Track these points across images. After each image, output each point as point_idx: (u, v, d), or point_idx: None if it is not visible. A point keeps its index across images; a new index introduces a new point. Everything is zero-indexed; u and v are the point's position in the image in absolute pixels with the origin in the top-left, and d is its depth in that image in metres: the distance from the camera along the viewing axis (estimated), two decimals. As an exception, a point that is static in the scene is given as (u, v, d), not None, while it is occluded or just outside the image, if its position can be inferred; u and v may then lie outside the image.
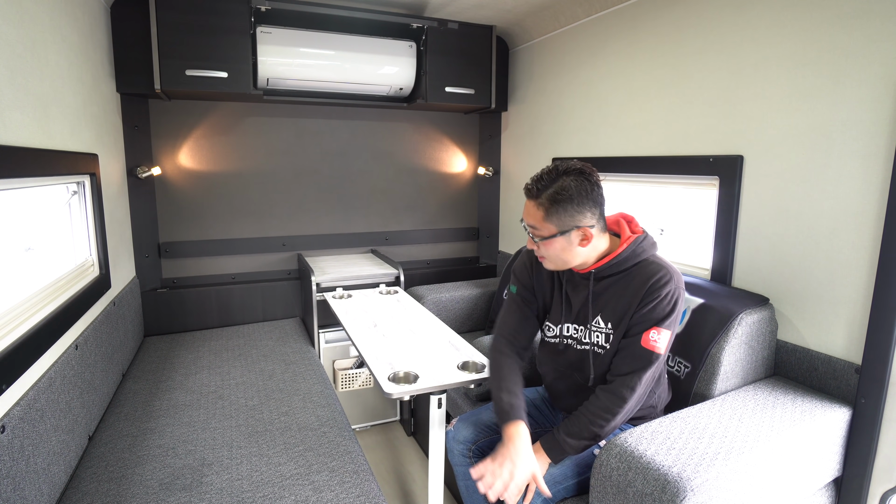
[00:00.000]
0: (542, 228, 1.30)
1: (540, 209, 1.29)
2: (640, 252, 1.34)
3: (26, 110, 1.32)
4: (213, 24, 2.18)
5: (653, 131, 2.00)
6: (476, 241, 3.33)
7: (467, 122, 3.16)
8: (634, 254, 1.33)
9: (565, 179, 1.27)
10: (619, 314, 1.34)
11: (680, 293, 1.30)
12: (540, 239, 1.32)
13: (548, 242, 1.31)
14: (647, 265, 1.32)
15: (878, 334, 1.29)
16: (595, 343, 1.39)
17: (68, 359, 1.46)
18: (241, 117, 2.66)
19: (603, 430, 1.28)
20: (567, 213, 1.27)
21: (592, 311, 1.39)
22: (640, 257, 1.34)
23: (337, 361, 2.58)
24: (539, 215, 1.29)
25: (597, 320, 1.38)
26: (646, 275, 1.30)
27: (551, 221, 1.28)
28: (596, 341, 1.39)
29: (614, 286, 1.35)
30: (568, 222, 1.27)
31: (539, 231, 1.31)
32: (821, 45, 1.41)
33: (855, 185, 1.35)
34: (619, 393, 1.28)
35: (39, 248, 1.57)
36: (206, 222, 2.67)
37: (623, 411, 1.28)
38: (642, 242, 1.34)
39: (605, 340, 1.38)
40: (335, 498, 1.35)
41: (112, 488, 1.37)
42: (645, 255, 1.35)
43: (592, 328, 1.39)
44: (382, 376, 1.46)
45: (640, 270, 1.32)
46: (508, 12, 2.49)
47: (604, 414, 1.28)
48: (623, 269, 1.34)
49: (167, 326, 2.57)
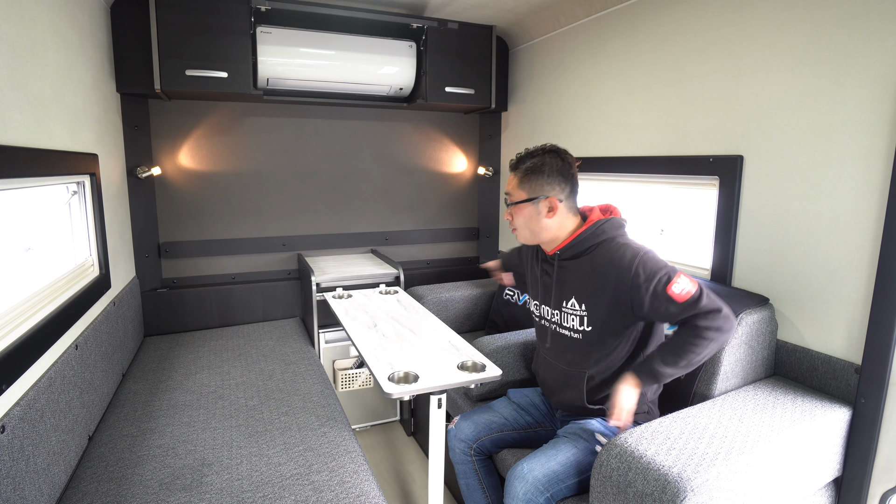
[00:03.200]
0: (515, 194, 1.47)
1: (516, 177, 1.47)
2: (601, 233, 1.41)
3: (26, 110, 1.32)
4: (213, 24, 2.18)
5: (653, 131, 2.00)
6: (476, 241, 3.32)
7: (467, 122, 3.16)
8: (595, 234, 1.42)
9: (542, 156, 1.45)
10: (590, 293, 1.40)
11: (647, 253, 1.34)
12: (512, 204, 1.47)
13: (518, 209, 1.46)
14: (608, 244, 1.40)
15: (878, 334, 1.29)
16: (570, 328, 1.46)
17: (68, 359, 1.46)
18: (241, 117, 2.66)
19: (698, 348, 1.28)
20: (538, 183, 1.43)
21: (562, 292, 1.47)
22: (600, 237, 1.41)
23: (337, 361, 2.58)
24: (514, 182, 1.47)
25: (571, 303, 1.45)
26: (606, 255, 1.38)
27: (523, 188, 1.45)
28: (571, 325, 1.46)
29: (579, 268, 1.43)
30: (538, 190, 1.43)
31: (512, 197, 1.48)
32: (821, 45, 1.41)
33: (855, 185, 1.35)
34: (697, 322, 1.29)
35: (39, 249, 1.57)
36: (206, 222, 2.67)
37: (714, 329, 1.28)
38: (603, 225, 1.42)
39: (578, 323, 1.43)
40: (335, 498, 1.35)
41: (112, 488, 1.37)
42: (605, 235, 1.41)
43: (565, 310, 1.47)
44: (382, 376, 1.46)
45: (602, 250, 1.40)
46: (508, 12, 2.49)
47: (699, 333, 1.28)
48: (584, 248, 1.44)
49: (167, 326, 2.57)
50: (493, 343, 1.87)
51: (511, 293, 2.39)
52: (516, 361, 1.87)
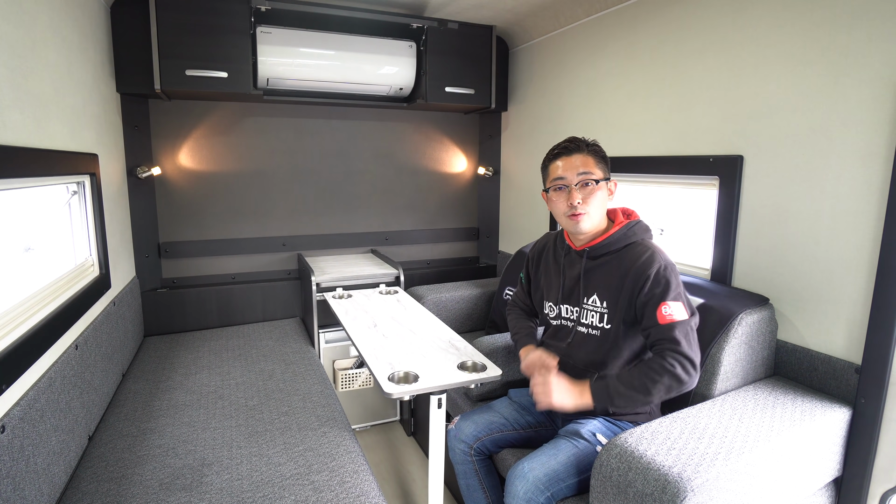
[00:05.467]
0: (595, 172, 1.42)
1: (591, 156, 1.43)
2: (631, 235, 1.43)
3: (26, 110, 1.32)
4: (213, 24, 2.18)
5: (653, 131, 2.00)
6: (476, 241, 3.32)
7: (467, 122, 3.16)
8: (626, 236, 1.43)
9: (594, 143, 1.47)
10: (612, 292, 1.41)
11: (670, 267, 1.35)
12: (593, 182, 1.41)
13: (596, 189, 1.41)
14: (636, 247, 1.41)
15: (878, 334, 1.29)
16: (589, 324, 1.46)
17: (68, 359, 1.46)
18: (240, 117, 2.66)
19: (654, 384, 1.28)
20: (606, 164, 1.45)
21: (585, 289, 1.47)
22: (631, 239, 1.43)
23: (337, 361, 2.58)
24: (591, 161, 1.43)
25: (593, 299, 1.45)
26: (633, 256, 1.39)
27: (600, 167, 1.43)
28: (590, 322, 1.46)
29: (606, 266, 1.44)
30: (608, 171, 1.45)
31: (592, 175, 1.41)
32: (821, 45, 1.41)
33: (855, 185, 1.35)
34: (662, 355, 1.30)
35: (39, 249, 1.57)
36: (206, 222, 2.67)
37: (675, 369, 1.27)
38: (634, 227, 1.44)
39: (598, 320, 1.44)
40: (335, 498, 1.35)
41: (112, 488, 1.37)
42: (636, 237, 1.43)
43: (586, 308, 1.47)
44: (382, 376, 1.46)
45: (629, 252, 1.41)
46: (508, 12, 2.49)
47: (657, 368, 1.29)
48: (614, 249, 1.44)
49: (167, 326, 2.57)
50: (493, 343, 1.87)
51: (511, 293, 2.39)
52: (517, 361, 1.86)
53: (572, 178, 1.42)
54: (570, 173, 1.42)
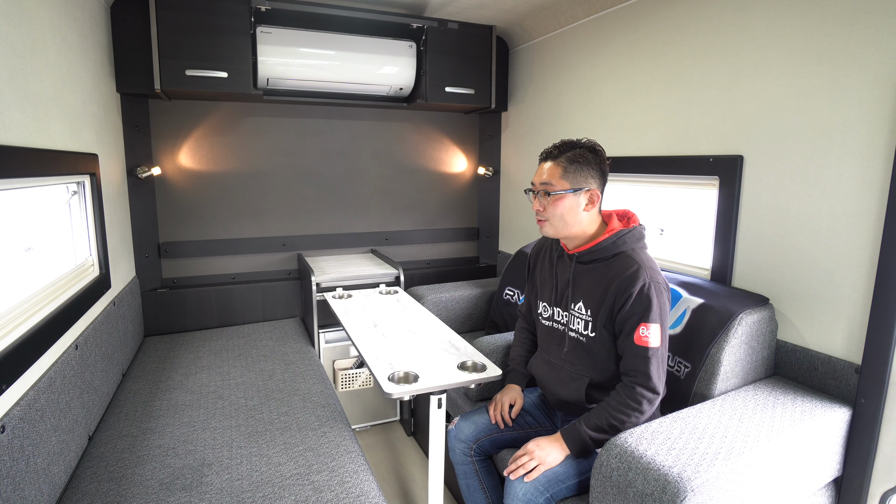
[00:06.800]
0: (557, 185, 1.41)
1: (558, 167, 1.41)
2: (621, 244, 1.40)
3: (26, 110, 1.32)
4: (213, 24, 2.18)
5: (653, 131, 2.00)
6: (476, 241, 3.32)
7: (467, 122, 3.16)
8: (615, 244, 1.40)
9: (582, 149, 1.42)
10: (596, 301, 1.40)
11: (655, 286, 1.33)
12: (552, 194, 1.41)
13: (558, 200, 1.41)
14: (623, 258, 1.38)
15: (878, 334, 1.29)
16: (576, 331, 1.46)
17: (68, 359, 1.46)
18: (241, 117, 2.66)
19: (622, 423, 1.31)
20: (581, 174, 1.40)
21: (573, 294, 1.47)
22: (620, 248, 1.40)
23: (337, 361, 2.58)
24: (557, 172, 1.41)
25: (579, 306, 1.45)
26: (619, 267, 1.37)
27: (566, 179, 1.40)
28: (577, 328, 1.46)
29: (594, 273, 1.43)
30: (581, 182, 1.40)
31: (553, 187, 1.41)
32: (821, 45, 1.41)
33: (855, 185, 1.35)
34: (632, 388, 1.33)
35: (39, 249, 1.57)
36: (205, 222, 2.67)
37: (641, 406, 1.31)
38: (625, 235, 1.41)
39: (584, 328, 1.44)
40: (335, 498, 1.35)
41: (112, 488, 1.37)
42: (625, 247, 1.40)
43: (573, 313, 1.47)
44: (382, 376, 1.46)
45: (616, 262, 1.39)
46: (508, 12, 2.49)
47: (622, 408, 1.32)
48: (603, 257, 1.42)
49: (167, 326, 2.57)
50: (493, 343, 1.87)
51: (511, 293, 2.39)
52: (516, 361, 1.86)
53: (538, 185, 1.46)
54: (537, 180, 1.46)
